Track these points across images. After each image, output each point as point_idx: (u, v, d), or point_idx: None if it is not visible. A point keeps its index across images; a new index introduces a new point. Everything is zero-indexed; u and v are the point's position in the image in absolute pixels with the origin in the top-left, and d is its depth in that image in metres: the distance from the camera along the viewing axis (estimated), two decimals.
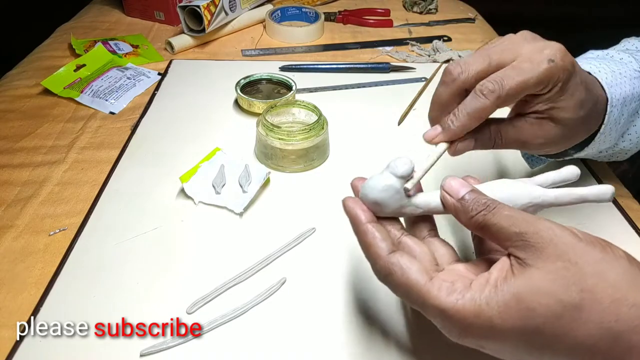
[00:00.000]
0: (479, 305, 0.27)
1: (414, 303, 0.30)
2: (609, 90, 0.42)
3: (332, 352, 0.39)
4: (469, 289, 0.28)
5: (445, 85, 0.37)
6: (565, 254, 0.26)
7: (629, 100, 0.43)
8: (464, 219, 0.31)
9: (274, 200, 0.53)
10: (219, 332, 0.40)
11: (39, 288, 0.42)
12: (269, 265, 0.45)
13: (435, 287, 0.28)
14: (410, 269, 0.29)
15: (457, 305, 0.27)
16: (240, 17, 0.88)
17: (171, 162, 0.56)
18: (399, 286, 0.30)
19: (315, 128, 0.55)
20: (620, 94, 0.42)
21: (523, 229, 0.28)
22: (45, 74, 0.70)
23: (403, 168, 0.33)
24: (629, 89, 0.43)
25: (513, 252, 0.28)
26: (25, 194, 0.52)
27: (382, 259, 0.31)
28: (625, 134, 0.47)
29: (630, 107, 0.44)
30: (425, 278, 0.29)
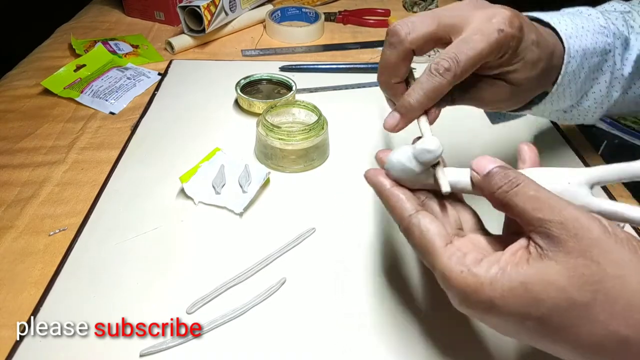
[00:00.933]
0: (481, 284, 0.27)
1: (428, 263, 0.30)
2: (568, 42, 0.40)
3: (332, 352, 0.39)
4: (478, 265, 0.27)
5: (392, 47, 0.35)
6: (588, 250, 0.25)
7: (589, 54, 0.42)
8: (488, 194, 0.30)
9: (274, 201, 0.53)
10: (219, 332, 0.40)
11: (38, 288, 0.42)
12: (268, 265, 0.45)
13: (447, 254, 0.28)
14: (429, 230, 0.30)
15: (460, 277, 0.27)
16: (240, 17, 0.88)
17: (171, 162, 0.56)
18: (416, 246, 0.31)
19: (315, 128, 0.55)
20: (579, 46, 0.41)
21: (547, 216, 0.26)
22: (45, 74, 0.70)
23: (428, 158, 0.32)
24: (590, 42, 0.42)
25: (534, 237, 0.27)
26: (25, 195, 0.52)
27: (405, 219, 0.31)
28: (588, 92, 0.45)
29: (591, 61, 0.42)
30: (442, 242, 0.29)
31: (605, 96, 0.46)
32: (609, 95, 0.46)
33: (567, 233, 0.25)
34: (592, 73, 0.44)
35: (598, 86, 0.45)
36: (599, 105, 0.46)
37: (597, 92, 0.45)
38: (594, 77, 0.44)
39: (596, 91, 0.45)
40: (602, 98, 0.46)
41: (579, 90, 0.44)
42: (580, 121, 0.50)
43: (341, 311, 0.42)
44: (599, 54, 0.43)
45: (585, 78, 0.43)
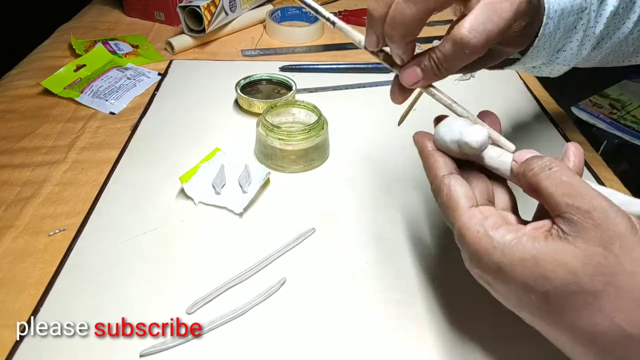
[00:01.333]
0: (494, 247, 0.27)
1: (449, 221, 0.31)
2: (548, 1, 0.39)
3: (332, 352, 0.39)
4: (495, 229, 0.28)
5: (414, 2, 0.31)
6: (610, 242, 0.25)
7: (566, 14, 0.41)
8: (521, 177, 0.30)
9: (273, 201, 0.53)
10: (219, 333, 0.40)
11: (38, 288, 0.42)
12: (268, 265, 0.45)
13: (469, 214, 0.29)
14: (457, 190, 0.30)
15: (475, 236, 0.28)
16: (240, 17, 0.88)
17: (171, 162, 0.56)
18: (442, 204, 0.31)
19: (315, 128, 0.55)
20: (558, 5, 0.40)
21: (576, 203, 0.26)
22: (45, 74, 0.70)
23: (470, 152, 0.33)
24: (568, 1, 0.41)
25: (558, 221, 0.27)
26: (25, 194, 0.52)
27: (437, 178, 0.32)
28: (560, 51, 0.44)
29: (567, 20, 0.41)
30: (467, 203, 0.30)
31: (575, 55, 0.45)
32: (579, 53, 0.45)
33: (592, 222, 0.25)
34: (567, 32, 0.43)
35: (570, 45, 0.44)
36: (567, 63, 0.45)
37: (567, 50, 0.44)
38: (567, 36, 0.43)
39: (567, 50, 0.44)
40: (572, 56, 0.45)
41: (552, 49, 0.43)
42: (545, 74, 0.48)
43: (341, 311, 0.42)
44: (576, 12, 0.42)
45: (560, 38, 0.42)
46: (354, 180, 0.55)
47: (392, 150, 0.60)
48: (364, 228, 0.49)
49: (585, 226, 0.25)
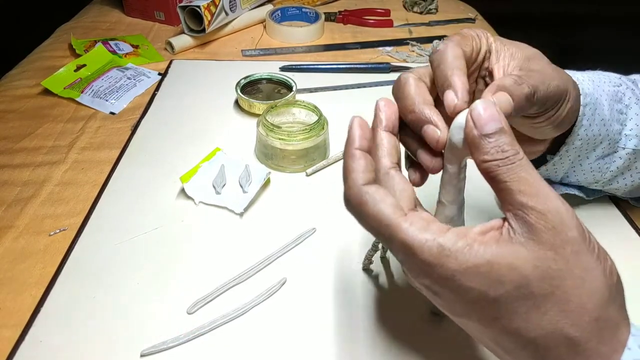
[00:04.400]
0: (447, 256, 0.25)
1: (381, 235, 0.28)
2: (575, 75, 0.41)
3: (333, 353, 0.39)
4: (443, 235, 0.26)
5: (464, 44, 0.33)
6: (562, 246, 0.25)
7: (599, 81, 0.42)
8: (477, 159, 0.28)
9: (274, 201, 0.53)
10: (219, 332, 0.40)
11: (39, 288, 0.42)
12: (269, 265, 0.45)
13: (408, 222, 0.27)
14: (384, 201, 0.28)
15: (424, 246, 0.26)
16: (241, 17, 0.88)
17: (171, 162, 0.56)
18: (369, 217, 0.28)
19: (316, 128, 0.55)
20: (581, 75, 0.42)
21: (531, 203, 0.25)
22: (45, 74, 0.70)
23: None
24: (591, 74, 0.42)
25: (509, 218, 0.26)
26: (26, 194, 0.52)
27: (357, 187, 0.29)
28: (624, 132, 0.44)
29: (605, 88, 0.42)
30: (399, 213, 0.27)
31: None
32: None
33: (545, 224, 0.25)
34: (615, 104, 0.43)
35: (632, 121, 0.44)
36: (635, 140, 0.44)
37: (634, 127, 0.44)
38: (619, 109, 0.43)
39: (633, 127, 0.44)
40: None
41: (610, 119, 0.42)
42: (639, 177, 0.47)
43: (341, 311, 0.42)
44: (609, 83, 0.43)
45: (610, 108, 0.42)
46: None
47: None
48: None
49: (538, 228, 0.25)
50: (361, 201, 0.28)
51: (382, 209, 0.27)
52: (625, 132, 0.44)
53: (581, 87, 0.40)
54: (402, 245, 0.26)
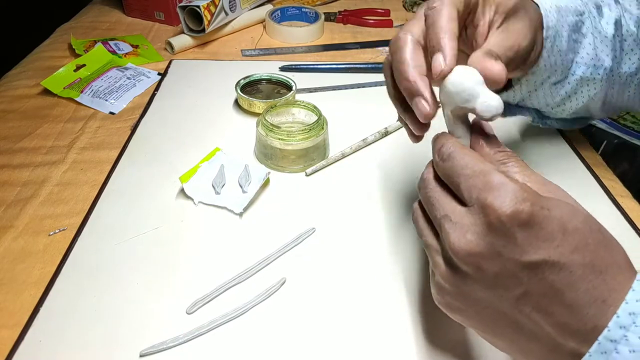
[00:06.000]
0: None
1: (473, 194, 0.28)
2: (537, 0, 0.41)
3: (333, 352, 0.39)
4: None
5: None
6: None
7: (564, 11, 0.42)
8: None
9: (273, 201, 0.53)
10: (219, 332, 0.40)
11: (38, 288, 0.42)
12: (268, 265, 0.45)
13: (507, 181, 0.27)
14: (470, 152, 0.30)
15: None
16: (240, 17, 0.88)
17: (171, 162, 0.56)
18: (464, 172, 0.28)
19: (315, 128, 0.55)
20: (551, 3, 0.42)
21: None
22: (45, 74, 0.70)
23: (486, 115, 0.30)
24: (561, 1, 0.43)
25: None
26: (25, 194, 0.52)
27: (447, 145, 0.30)
28: (577, 58, 0.45)
29: (567, 19, 0.43)
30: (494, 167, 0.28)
31: (596, 59, 0.46)
32: (600, 58, 0.46)
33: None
34: (573, 34, 0.44)
35: (584, 50, 0.45)
36: (593, 71, 0.46)
37: (585, 56, 0.46)
38: (575, 38, 0.44)
39: (584, 55, 0.46)
40: (594, 62, 0.46)
41: (567, 50, 0.44)
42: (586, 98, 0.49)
43: (341, 311, 0.42)
44: (573, 13, 0.43)
45: (569, 38, 0.43)
46: (354, 180, 0.55)
47: (392, 149, 0.60)
48: (364, 227, 0.49)
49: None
50: (449, 155, 0.30)
51: (479, 163, 0.29)
52: (576, 60, 0.46)
53: (545, 21, 0.41)
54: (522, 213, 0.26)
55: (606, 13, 0.47)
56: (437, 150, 0.31)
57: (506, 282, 0.27)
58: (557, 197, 0.27)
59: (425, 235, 0.31)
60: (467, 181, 0.28)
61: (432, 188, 0.31)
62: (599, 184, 0.55)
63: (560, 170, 0.57)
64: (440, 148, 0.30)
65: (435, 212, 0.30)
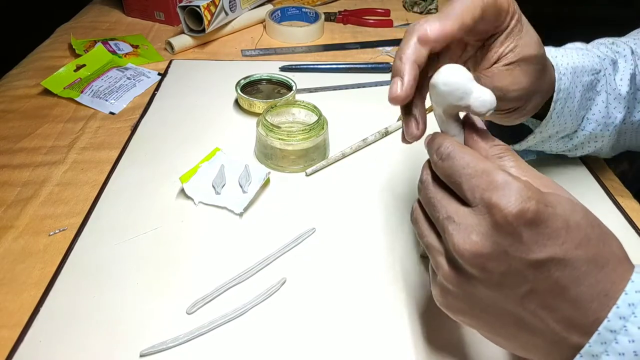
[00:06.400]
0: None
1: (478, 195, 0.27)
2: (555, 60, 0.42)
3: (333, 352, 0.39)
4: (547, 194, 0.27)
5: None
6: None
7: (579, 72, 0.43)
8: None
9: (273, 201, 0.53)
10: (219, 332, 0.40)
11: (39, 288, 0.42)
12: (269, 265, 0.45)
13: (511, 180, 0.27)
14: (470, 152, 0.29)
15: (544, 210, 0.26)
16: (240, 17, 0.88)
17: (171, 162, 0.56)
18: (466, 173, 0.28)
19: (315, 128, 0.55)
20: (568, 64, 0.43)
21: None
22: (45, 74, 0.70)
23: (484, 111, 0.30)
24: (578, 61, 0.43)
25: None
26: (25, 195, 0.52)
27: (443, 145, 0.30)
28: (588, 115, 0.46)
29: (583, 79, 0.44)
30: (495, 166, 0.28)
31: (607, 116, 0.47)
32: (611, 115, 0.47)
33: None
34: (587, 92, 0.45)
35: (596, 107, 0.46)
36: (603, 128, 0.47)
37: (596, 113, 0.47)
38: (589, 97, 0.46)
39: (595, 112, 0.47)
40: (605, 119, 0.47)
41: (578, 109, 0.45)
42: (592, 149, 0.51)
43: (341, 311, 0.42)
44: (589, 72, 0.44)
45: (582, 97, 0.44)
46: (354, 180, 0.55)
47: (392, 149, 0.60)
48: (364, 227, 0.49)
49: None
50: (448, 154, 0.30)
51: (483, 162, 0.28)
52: (587, 116, 0.47)
53: (558, 85, 0.42)
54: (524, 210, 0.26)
55: (621, 67, 0.47)
56: (435, 150, 0.31)
57: (512, 281, 0.27)
58: (553, 191, 0.27)
59: (427, 237, 0.31)
60: (469, 181, 0.28)
61: (432, 189, 0.31)
62: (599, 184, 0.55)
63: (560, 170, 0.57)
64: (438, 148, 0.30)
65: (437, 213, 0.30)
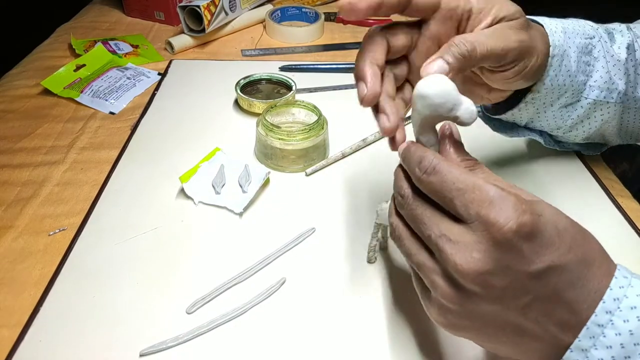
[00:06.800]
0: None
1: (464, 210, 0.27)
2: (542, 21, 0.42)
3: (333, 352, 0.39)
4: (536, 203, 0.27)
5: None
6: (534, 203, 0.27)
7: (571, 33, 0.43)
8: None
9: (273, 201, 0.53)
10: (218, 332, 0.40)
11: (38, 288, 0.42)
12: (268, 265, 0.45)
13: (501, 194, 0.27)
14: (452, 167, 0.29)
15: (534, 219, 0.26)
16: (240, 17, 0.88)
17: (171, 162, 0.56)
18: (451, 190, 0.28)
19: (315, 128, 0.55)
20: (556, 25, 0.42)
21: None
22: (45, 74, 0.70)
23: (471, 122, 0.30)
24: (566, 24, 0.43)
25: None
26: (25, 194, 0.52)
27: (426, 159, 0.29)
28: (589, 81, 0.45)
29: (576, 40, 0.43)
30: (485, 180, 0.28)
31: (610, 82, 0.46)
32: (614, 81, 0.46)
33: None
34: (584, 56, 0.44)
35: (597, 73, 0.46)
36: (607, 94, 0.46)
37: (598, 79, 0.46)
38: (587, 61, 0.45)
39: (597, 79, 0.46)
40: (607, 85, 0.46)
41: (576, 71, 0.44)
42: (599, 123, 0.49)
43: (341, 311, 0.42)
44: (581, 35, 0.44)
45: (578, 60, 0.44)
46: (354, 180, 0.55)
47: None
48: (364, 227, 0.49)
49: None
50: (434, 170, 0.29)
51: (467, 177, 0.28)
52: (589, 83, 0.46)
53: (551, 39, 0.41)
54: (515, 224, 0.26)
55: (618, 38, 0.47)
56: (417, 164, 0.29)
57: (514, 293, 0.27)
58: (531, 199, 0.27)
59: (416, 255, 0.30)
60: (462, 197, 0.27)
61: (418, 205, 0.30)
62: (599, 184, 0.55)
63: (560, 170, 0.57)
64: (420, 162, 0.29)
65: (427, 231, 0.29)
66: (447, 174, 0.28)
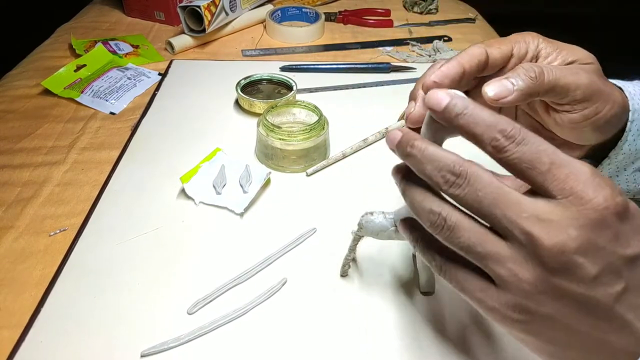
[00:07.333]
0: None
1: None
2: (619, 84, 0.40)
3: (333, 353, 0.39)
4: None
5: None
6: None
7: None
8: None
9: (274, 201, 0.53)
10: (220, 333, 0.40)
11: (39, 289, 0.42)
12: (269, 265, 0.45)
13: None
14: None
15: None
16: (241, 17, 0.88)
17: (171, 163, 0.56)
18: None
19: (316, 128, 0.55)
20: (634, 89, 0.41)
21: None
22: (45, 74, 0.70)
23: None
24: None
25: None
26: (26, 195, 0.52)
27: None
28: None
29: None
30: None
31: None
32: None
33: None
34: None
35: None
36: None
37: None
38: None
39: None
40: None
41: None
42: None
43: (342, 311, 0.41)
44: None
45: None
46: (354, 180, 0.55)
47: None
48: None
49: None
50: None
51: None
52: None
53: (631, 103, 0.40)
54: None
55: None
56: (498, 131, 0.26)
57: (608, 279, 0.25)
58: None
59: (482, 244, 0.26)
60: (557, 170, 0.25)
61: (497, 186, 0.26)
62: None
63: None
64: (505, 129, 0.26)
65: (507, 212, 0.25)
66: (541, 145, 0.25)
